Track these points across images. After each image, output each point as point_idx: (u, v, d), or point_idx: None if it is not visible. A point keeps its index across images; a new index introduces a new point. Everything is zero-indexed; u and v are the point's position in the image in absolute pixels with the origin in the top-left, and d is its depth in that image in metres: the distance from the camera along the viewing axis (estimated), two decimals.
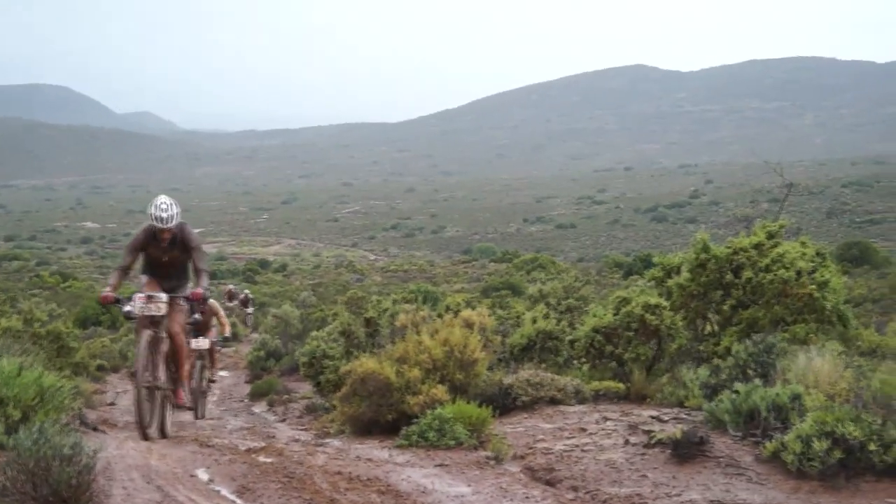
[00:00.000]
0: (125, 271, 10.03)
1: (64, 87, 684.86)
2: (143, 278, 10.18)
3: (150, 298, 9.62)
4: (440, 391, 10.75)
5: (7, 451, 6.26)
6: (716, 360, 10.50)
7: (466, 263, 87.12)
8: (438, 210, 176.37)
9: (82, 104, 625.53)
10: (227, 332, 17.55)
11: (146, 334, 9.49)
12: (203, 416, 15.73)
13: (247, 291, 39.07)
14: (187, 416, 14.33)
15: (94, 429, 10.58)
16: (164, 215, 9.66)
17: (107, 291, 9.72)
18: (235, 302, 37.56)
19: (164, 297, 9.69)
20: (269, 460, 8.86)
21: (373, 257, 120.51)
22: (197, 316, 10.78)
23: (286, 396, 18.46)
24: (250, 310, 36.96)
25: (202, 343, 14.74)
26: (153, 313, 9.59)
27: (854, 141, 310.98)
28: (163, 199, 9.74)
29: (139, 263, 10.27)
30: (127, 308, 9.77)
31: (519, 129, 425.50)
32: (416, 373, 11.12)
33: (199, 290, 9.83)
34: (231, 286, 39.81)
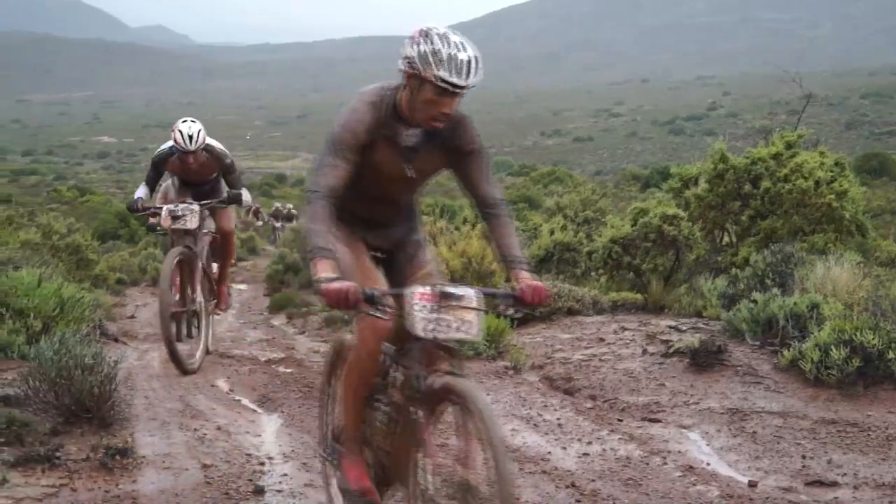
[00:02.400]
0: None
1: None
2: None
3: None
4: None
5: (29, 361, 6.32)
6: (734, 271, 10.50)
7: None
8: None
9: (92, 17, 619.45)
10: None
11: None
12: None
13: (289, 206, 38.61)
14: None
15: (115, 340, 10.65)
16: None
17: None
18: (261, 221, 37.38)
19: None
20: (288, 371, 8.96)
21: None
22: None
23: (305, 309, 18.54)
24: (279, 224, 36.54)
25: None
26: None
27: (869, 51, 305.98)
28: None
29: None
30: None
31: (533, 40, 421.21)
32: None
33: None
34: (257, 205, 39.55)
